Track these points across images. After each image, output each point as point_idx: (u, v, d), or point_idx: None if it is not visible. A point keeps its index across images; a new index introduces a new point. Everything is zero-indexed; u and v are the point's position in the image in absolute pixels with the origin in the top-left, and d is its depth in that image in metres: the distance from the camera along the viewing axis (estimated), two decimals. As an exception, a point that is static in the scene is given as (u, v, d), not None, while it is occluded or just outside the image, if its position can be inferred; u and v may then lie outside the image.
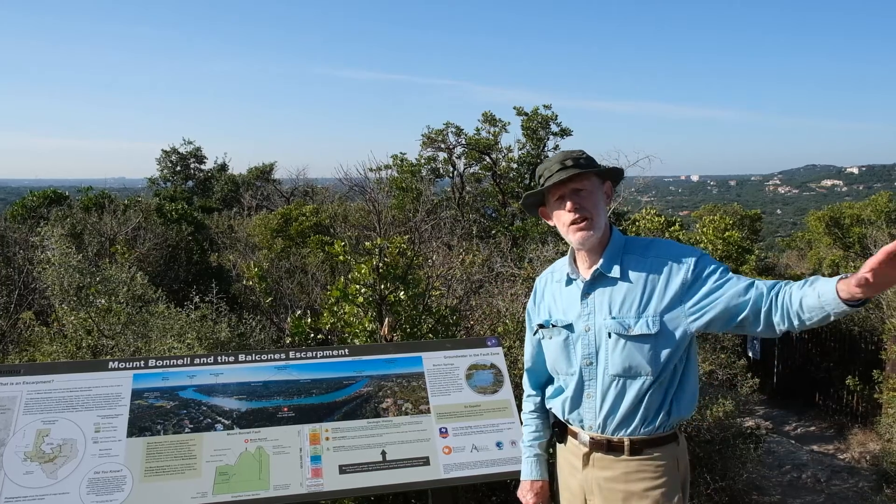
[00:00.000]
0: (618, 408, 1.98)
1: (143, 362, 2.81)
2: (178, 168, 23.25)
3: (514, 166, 13.21)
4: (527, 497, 2.23)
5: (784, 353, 8.99)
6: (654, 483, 1.96)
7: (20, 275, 6.59)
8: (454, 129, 12.90)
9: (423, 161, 13.24)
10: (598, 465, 2.04)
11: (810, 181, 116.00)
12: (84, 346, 4.43)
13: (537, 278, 2.29)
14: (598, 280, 2.02)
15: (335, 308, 4.11)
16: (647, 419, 1.97)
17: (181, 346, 4.09)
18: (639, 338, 1.93)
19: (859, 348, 7.85)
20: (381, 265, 4.08)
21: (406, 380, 2.93)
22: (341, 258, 4.36)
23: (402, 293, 4.10)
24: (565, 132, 13.09)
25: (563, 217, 2.00)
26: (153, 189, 21.88)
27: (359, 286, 4.05)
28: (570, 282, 2.10)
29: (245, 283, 5.99)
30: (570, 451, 2.13)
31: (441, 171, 13.37)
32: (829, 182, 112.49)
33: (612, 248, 2.02)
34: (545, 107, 12.93)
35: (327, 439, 2.69)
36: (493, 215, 12.86)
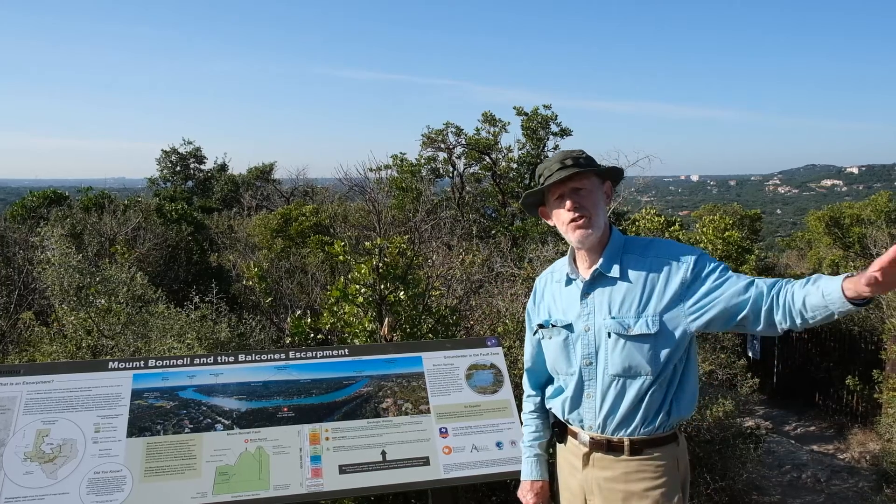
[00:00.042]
0: (618, 408, 1.98)
1: (142, 362, 2.81)
2: (178, 168, 23.26)
3: (514, 166, 13.21)
4: (527, 497, 2.23)
5: (784, 352, 8.99)
6: (654, 483, 1.96)
7: (20, 275, 6.59)
8: (454, 129, 12.92)
9: (423, 161, 13.25)
10: (597, 465, 2.04)
11: (810, 181, 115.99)
12: (84, 347, 4.43)
13: (537, 278, 2.29)
14: (597, 280, 2.03)
15: (335, 308, 4.11)
16: (647, 419, 1.97)
17: (181, 347, 4.09)
18: (638, 337, 1.93)
19: (859, 348, 7.85)
20: (380, 265, 4.08)
21: (406, 380, 2.93)
22: (341, 258, 4.36)
23: (402, 293, 4.10)
24: (565, 132, 13.10)
25: (563, 216, 2.00)
26: (153, 189, 21.89)
27: (359, 286, 4.05)
28: (569, 282, 2.10)
29: (245, 283, 5.99)
30: (570, 451, 2.13)
31: (441, 171, 13.37)
32: (828, 182, 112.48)
33: (611, 248, 2.02)
34: (545, 107, 12.94)
35: (327, 439, 2.69)
36: (493, 215, 12.86)
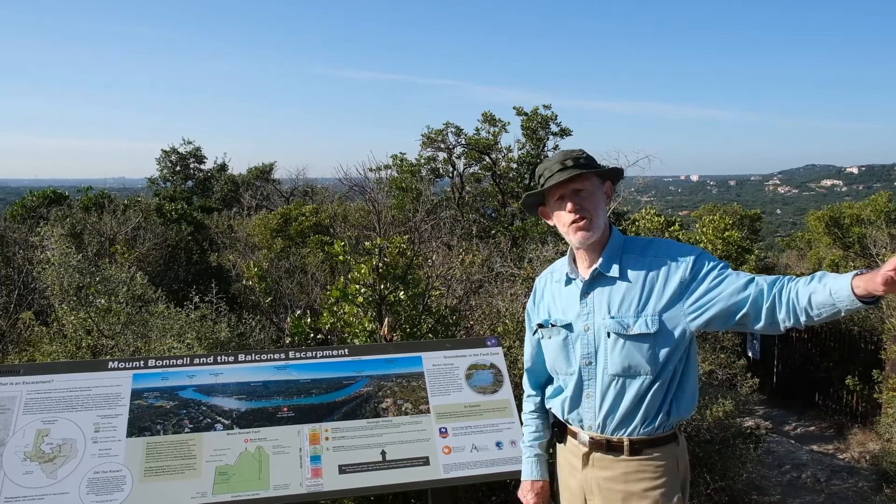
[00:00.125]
0: (617, 408, 1.98)
1: (142, 362, 2.81)
2: (178, 168, 23.24)
3: (514, 166, 13.21)
4: (527, 497, 2.23)
5: (784, 352, 8.99)
6: (653, 483, 1.96)
7: (20, 275, 6.59)
8: (454, 129, 12.91)
9: (423, 161, 13.25)
10: (597, 465, 2.04)
11: (810, 181, 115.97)
12: (84, 346, 4.43)
13: (537, 278, 2.29)
14: (597, 279, 2.03)
15: (335, 308, 4.11)
16: (646, 419, 1.97)
17: (181, 346, 4.09)
18: (638, 337, 1.93)
19: (859, 348, 7.85)
20: (380, 265, 4.08)
21: (406, 380, 2.93)
22: (341, 258, 4.36)
23: (402, 293, 4.10)
24: (565, 132, 13.10)
25: (564, 217, 2.01)
26: (153, 189, 21.88)
27: (358, 286, 4.05)
28: (569, 281, 2.10)
29: (245, 283, 5.99)
30: (570, 451, 2.13)
31: (441, 171, 13.37)
32: (828, 182, 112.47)
33: (611, 248, 2.02)
34: (545, 107, 12.94)
35: (327, 439, 2.69)
36: (493, 215, 12.86)
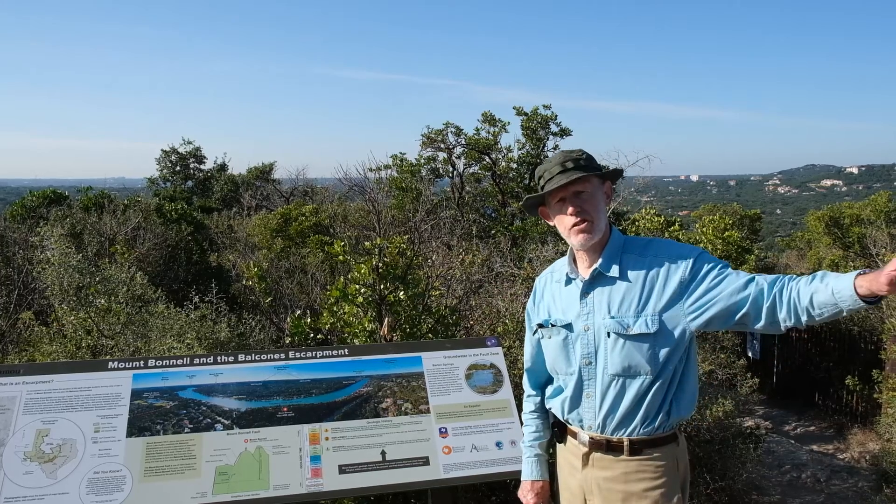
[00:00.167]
0: (617, 408, 1.98)
1: (142, 362, 2.81)
2: (178, 168, 23.24)
3: (514, 166, 13.21)
4: (527, 497, 2.23)
5: (784, 352, 8.99)
6: (653, 483, 1.96)
7: (20, 275, 6.59)
8: (454, 129, 12.91)
9: (423, 161, 13.25)
10: (597, 465, 2.04)
11: (810, 181, 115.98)
12: (84, 346, 4.43)
13: (537, 278, 2.29)
14: (597, 279, 2.03)
15: (335, 308, 4.11)
16: (646, 419, 1.97)
17: (181, 346, 4.09)
18: (638, 337, 1.93)
19: (859, 348, 7.85)
20: (380, 265, 4.08)
21: (406, 380, 2.93)
22: (341, 258, 4.37)
23: (402, 293, 4.11)
24: (565, 132, 13.10)
25: (565, 220, 2.01)
26: (153, 189, 21.88)
27: (358, 286, 4.05)
28: (569, 281, 2.10)
29: (245, 283, 5.99)
30: (570, 451, 2.13)
31: (441, 171, 13.37)
32: (828, 182, 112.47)
33: (611, 248, 2.02)
34: (545, 107, 12.94)
35: (327, 439, 2.69)
36: (493, 215, 12.86)
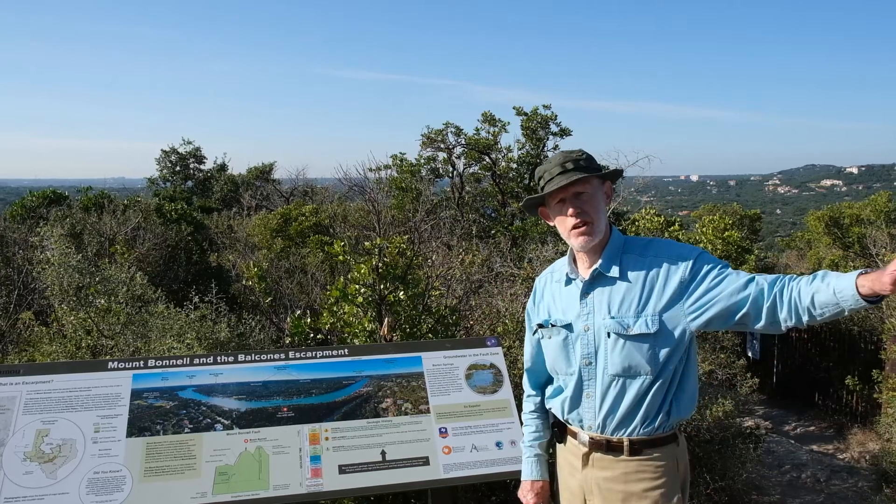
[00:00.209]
0: (617, 408, 1.98)
1: (142, 362, 2.81)
2: (178, 168, 23.25)
3: (514, 166, 13.21)
4: (527, 497, 2.23)
5: (784, 352, 8.99)
6: (653, 483, 1.96)
7: (20, 275, 6.59)
8: (454, 129, 12.91)
9: (423, 161, 13.25)
10: (597, 465, 2.04)
11: (810, 181, 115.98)
12: (83, 346, 4.43)
13: (537, 278, 2.29)
14: (597, 280, 2.02)
15: (335, 308, 4.11)
16: (646, 419, 1.97)
17: (181, 346, 4.09)
18: (638, 337, 1.93)
19: (859, 348, 7.85)
20: (380, 265, 4.08)
21: (406, 380, 2.93)
22: (341, 258, 4.37)
23: (402, 293, 4.11)
24: (565, 132, 13.10)
25: (566, 222, 2.00)
26: (153, 189, 21.89)
27: (358, 286, 4.05)
28: (569, 281, 2.10)
29: (245, 283, 5.99)
30: (570, 451, 2.13)
31: (441, 171, 13.37)
32: (828, 182, 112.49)
33: (611, 248, 2.02)
34: (545, 107, 12.94)
35: (327, 439, 2.69)
36: (493, 215, 12.86)
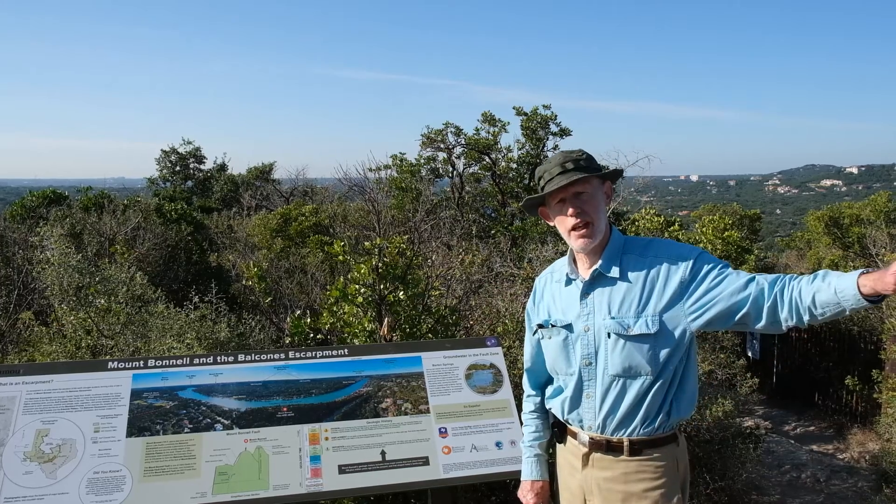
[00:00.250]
0: (617, 408, 1.98)
1: (142, 362, 2.81)
2: (178, 168, 23.26)
3: (514, 166, 13.21)
4: (527, 497, 2.23)
5: (783, 352, 8.99)
6: (653, 484, 1.96)
7: (20, 275, 6.59)
8: (454, 130, 12.91)
9: (423, 161, 13.25)
10: (597, 465, 2.03)
11: (810, 181, 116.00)
12: (83, 346, 4.43)
13: (537, 278, 2.29)
14: (597, 280, 2.02)
15: (335, 308, 4.11)
16: (646, 419, 1.96)
17: (180, 346, 4.09)
18: (638, 337, 1.93)
19: (859, 348, 7.85)
20: (380, 265, 4.08)
21: (405, 380, 2.93)
22: (341, 258, 4.37)
23: (402, 293, 4.11)
24: (564, 132, 13.10)
25: (566, 222, 2.00)
26: (153, 189, 21.90)
27: (358, 286, 4.05)
28: (569, 282, 2.10)
29: (244, 283, 5.99)
30: (570, 451, 2.13)
31: (440, 171, 13.37)
32: (828, 182, 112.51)
33: (611, 249, 2.02)
34: (544, 107, 12.94)
35: (327, 439, 2.69)
36: (493, 215, 12.86)
